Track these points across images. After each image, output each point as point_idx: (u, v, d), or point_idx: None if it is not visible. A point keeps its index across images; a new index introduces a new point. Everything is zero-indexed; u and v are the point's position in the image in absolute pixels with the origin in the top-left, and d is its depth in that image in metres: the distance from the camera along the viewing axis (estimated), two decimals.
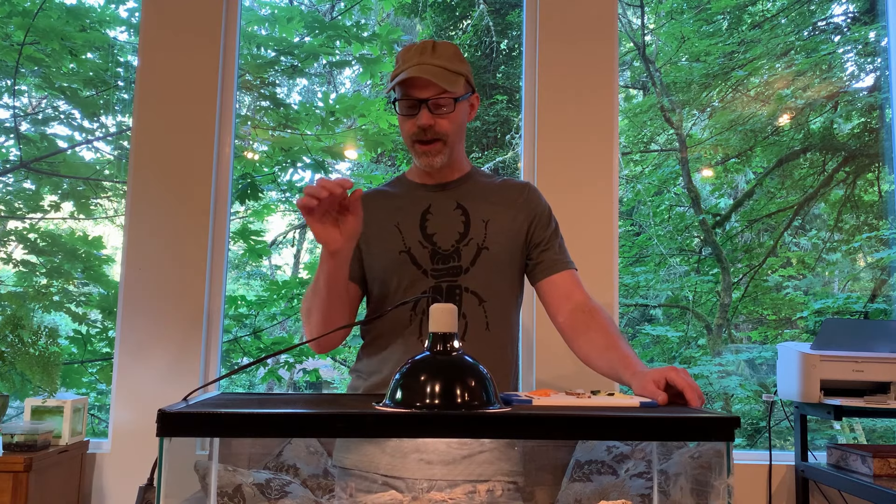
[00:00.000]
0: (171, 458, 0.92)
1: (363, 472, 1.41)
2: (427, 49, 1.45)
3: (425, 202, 1.53)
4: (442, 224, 1.50)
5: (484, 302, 1.47)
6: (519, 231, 1.53)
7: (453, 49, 1.48)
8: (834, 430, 3.34)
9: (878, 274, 3.50)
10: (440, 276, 1.47)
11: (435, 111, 1.44)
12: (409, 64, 1.43)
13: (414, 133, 1.46)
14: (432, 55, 1.44)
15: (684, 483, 1.33)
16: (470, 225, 1.50)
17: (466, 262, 1.47)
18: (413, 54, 1.45)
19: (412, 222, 1.51)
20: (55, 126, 3.36)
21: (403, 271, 1.48)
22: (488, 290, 1.48)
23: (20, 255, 3.21)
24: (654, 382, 1.19)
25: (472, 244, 1.48)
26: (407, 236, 1.50)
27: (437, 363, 0.98)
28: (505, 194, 1.57)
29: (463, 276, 1.47)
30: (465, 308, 1.46)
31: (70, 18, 3.23)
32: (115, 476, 2.38)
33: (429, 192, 1.55)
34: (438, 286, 1.46)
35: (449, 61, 1.45)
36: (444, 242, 1.48)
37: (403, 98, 1.45)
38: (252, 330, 3.52)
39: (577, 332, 1.47)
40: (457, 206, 1.53)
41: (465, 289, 1.46)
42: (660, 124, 3.93)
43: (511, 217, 1.53)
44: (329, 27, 3.53)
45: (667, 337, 3.76)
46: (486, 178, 1.61)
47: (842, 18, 3.84)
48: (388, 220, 1.52)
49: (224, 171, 2.55)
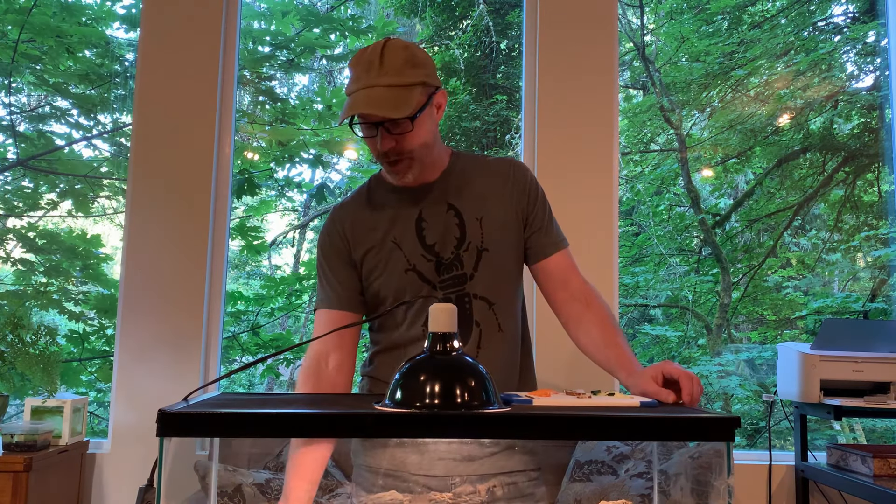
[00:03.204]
0: (171, 458, 0.91)
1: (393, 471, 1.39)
2: (374, 65, 1.32)
3: (415, 209, 1.46)
4: (438, 231, 1.45)
5: (493, 305, 1.46)
6: (513, 220, 1.49)
7: (404, 55, 1.34)
8: (834, 431, 3.34)
9: (877, 274, 3.50)
10: (447, 286, 1.44)
11: (394, 131, 1.35)
12: (357, 85, 1.33)
13: (379, 155, 1.39)
14: (380, 72, 1.32)
15: (684, 483, 1.33)
16: (465, 227, 1.46)
17: (469, 268, 1.45)
18: (360, 73, 1.34)
19: (409, 235, 1.45)
20: (52, 124, 3.35)
21: (413, 290, 1.43)
22: (494, 291, 1.46)
23: (18, 254, 3.21)
24: (652, 379, 1.19)
25: (472, 248, 1.46)
26: (408, 252, 1.44)
27: (436, 363, 0.98)
28: (491, 181, 1.50)
29: (469, 284, 1.44)
30: (476, 315, 1.43)
31: (66, 15, 3.23)
32: (115, 476, 2.38)
33: (415, 194, 1.47)
34: (447, 298, 1.43)
35: (398, 74, 1.33)
36: (445, 251, 1.44)
37: (359, 122, 1.36)
38: (251, 326, 3.52)
39: (573, 321, 1.46)
40: (448, 208, 1.47)
41: (473, 295, 1.44)
42: (659, 124, 3.93)
43: (502, 208, 1.48)
44: (324, 20, 3.52)
45: (666, 337, 3.76)
46: (470, 164, 1.53)
47: (842, 18, 3.84)
48: (383, 236, 1.46)
49: (224, 169, 2.54)
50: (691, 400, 1.15)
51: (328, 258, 1.49)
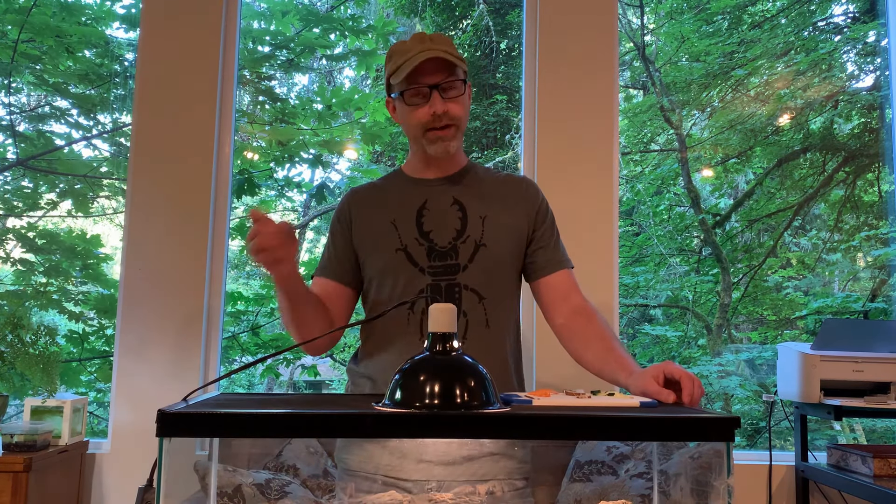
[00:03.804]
0: (171, 458, 0.91)
1: (367, 473, 1.40)
2: (425, 39, 1.44)
3: (421, 198, 1.51)
4: (438, 221, 1.49)
5: (483, 299, 1.46)
6: (518, 227, 1.52)
7: (449, 40, 1.47)
8: (834, 431, 3.34)
9: (877, 274, 3.50)
10: (437, 273, 1.45)
11: (445, 95, 1.43)
12: (410, 53, 1.41)
13: (427, 121, 1.44)
14: (432, 44, 1.43)
15: (684, 483, 1.33)
16: (467, 222, 1.49)
17: (464, 259, 1.46)
18: (412, 45, 1.43)
19: (408, 219, 1.49)
20: (52, 124, 3.35)
21: (400, 270, 1.46)
22: (487, 287, 1.47)
23: (18, 254, 3.21)
24: (653, 379, 1.19)
25: (470, 241, 1.47)
26: (403, 234, 1.48)
27: (436, 363, 0.98)
28: (503, 190, 1.55)
29: (461, 274, 1.46)
30: (464, 306, 1.45)
31: (66, 15, 3.23)
32: (115, 476, 2.38)
33: (425, 187, 1.53)
34: (437, 284, 1.44)
35: (451, 47, 1.45)
36: (441, 239, 1.47)
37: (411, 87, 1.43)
38: (251, 326, 3.52)
39: (573, 335, 1.47)
40: (454, 202, 1.51)
41: (464, 286, 1.45)
42: (659, 124, 3.93)
43: (509, 214, 1.52)
44: (324, 20, 3.52)
45: (666, 337, 3.76)
46: (483, 172, 1.59)
47: (842, 18, 3.84)
48: (383, 217, 1.51)
49: (224, 169, 2.54)
50: (691, 401, 1.16)
51: (333, 231, 1.57)
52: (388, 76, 1.47)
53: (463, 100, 1.46)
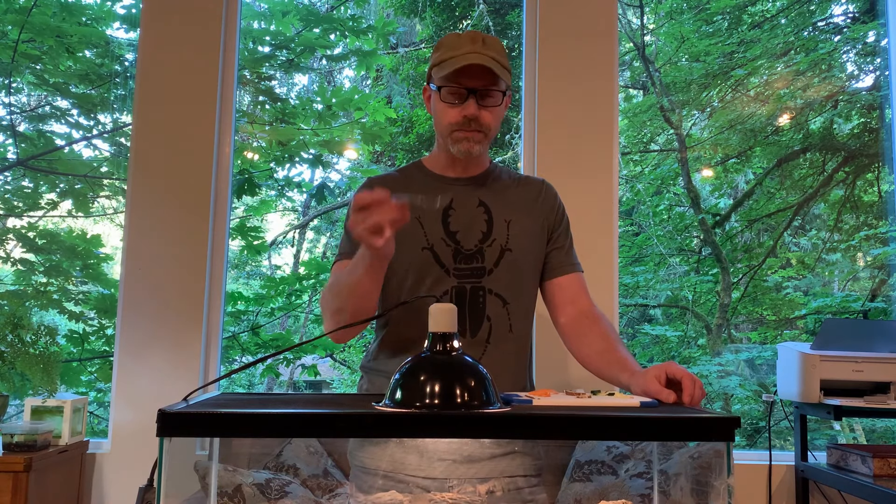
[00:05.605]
0: (171, 458, 0.91)
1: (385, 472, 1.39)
2: (478, 40, 1.41)
3: (447, 196, 1.49)
4: (465, 222, 1.48)
5: (507, 304, 1.46)
6: (540, 233, 1.53)
7: (501, 45, 1.44)
8: (834, 431, 3.34)
9: (877, 273, 3.50)
10: (463, 276, 1.44)
11: (482, 102, 1.41)
12: (460, 51, 1.39)
13: (457, 122, 1.43)
14: (485, 46, 1.40)
15: (684, 483, 1.33)
16: (493, 224, 1.48)
17: (490, 263, 1.45)
18: (464, 42, 1.40)
19: (434, 217, 1.47)
20: (52, 124, 3.35)
21: (426, 269, 1.44)
22: (511, 291, 1.47)
23: (18, 254, 3.21)
24: (655, 379, 1.19)
25: (496, 245, 1.47)
26: (429, 232, 1.46)
27: (436, 363, 0.98)
28: (524, 193, 1.56)
29: (486, 278, 1.45)
30: (489, 311, 1.44)
31: (66, 15, 3.23)
32: (115, 476, 2.38)
33: (450, 185, 1.51)
34: (462, 287, 1.43)
35: (501, 55, 1.42)
36: (467, 242, 1.46)
37: (450, 85, 1.41)
38: (251, 326, 3.52)
39: (577, 335, 1.48)
40: (479, 204, 1.50)
41: (489, 291, 1.45)
42: (659, 124, 3.93)
43: (531, 218, 1.53)
44: (324, 20, 3.52)
45: (666, 337, 3.76)
46: (505, 174, 1.59)
47: (841, 18, 3.84)
48: (409, 210, 1.49)
49: (224, 168, 2.54)
50: (691, 401, 1.16)
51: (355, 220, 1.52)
52: (432, 66, 1.45)
53: (498, 110, 1.44)
